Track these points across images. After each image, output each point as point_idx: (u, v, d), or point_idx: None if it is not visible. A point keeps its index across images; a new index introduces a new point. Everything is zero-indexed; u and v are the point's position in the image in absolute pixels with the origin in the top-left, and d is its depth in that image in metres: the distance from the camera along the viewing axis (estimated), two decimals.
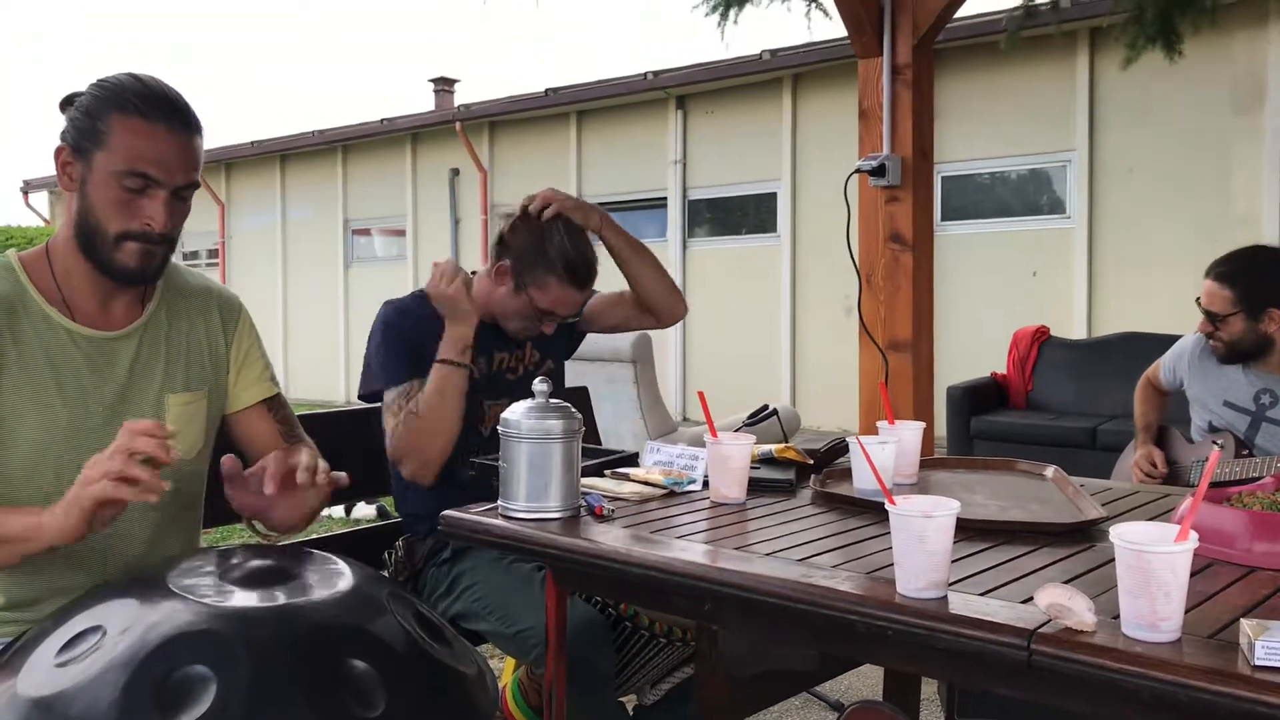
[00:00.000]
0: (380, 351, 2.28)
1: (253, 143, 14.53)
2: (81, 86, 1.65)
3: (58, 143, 1.63)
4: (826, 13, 4.29)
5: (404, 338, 2.26)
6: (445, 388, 2.15)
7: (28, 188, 17.21)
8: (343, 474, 1.62)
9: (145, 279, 1.67)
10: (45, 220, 17.47)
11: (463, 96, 15.30)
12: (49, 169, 1.66)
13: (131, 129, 1.57)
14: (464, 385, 2.16)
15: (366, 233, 14.07)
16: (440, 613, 2.18)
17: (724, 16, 4.38)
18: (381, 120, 13.15)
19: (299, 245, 14.58)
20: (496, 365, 2.37)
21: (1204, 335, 2.96)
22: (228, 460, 1.58)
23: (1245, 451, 2.87)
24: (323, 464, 1.60)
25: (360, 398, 2.35)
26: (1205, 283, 2.91)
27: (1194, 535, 1.14)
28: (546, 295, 2.28)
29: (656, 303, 2.50)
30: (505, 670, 2.57)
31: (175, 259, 1.76)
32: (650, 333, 6.10)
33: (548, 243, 2.26)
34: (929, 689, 2.83)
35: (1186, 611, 1.16)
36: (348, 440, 2.41)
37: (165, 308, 1.76)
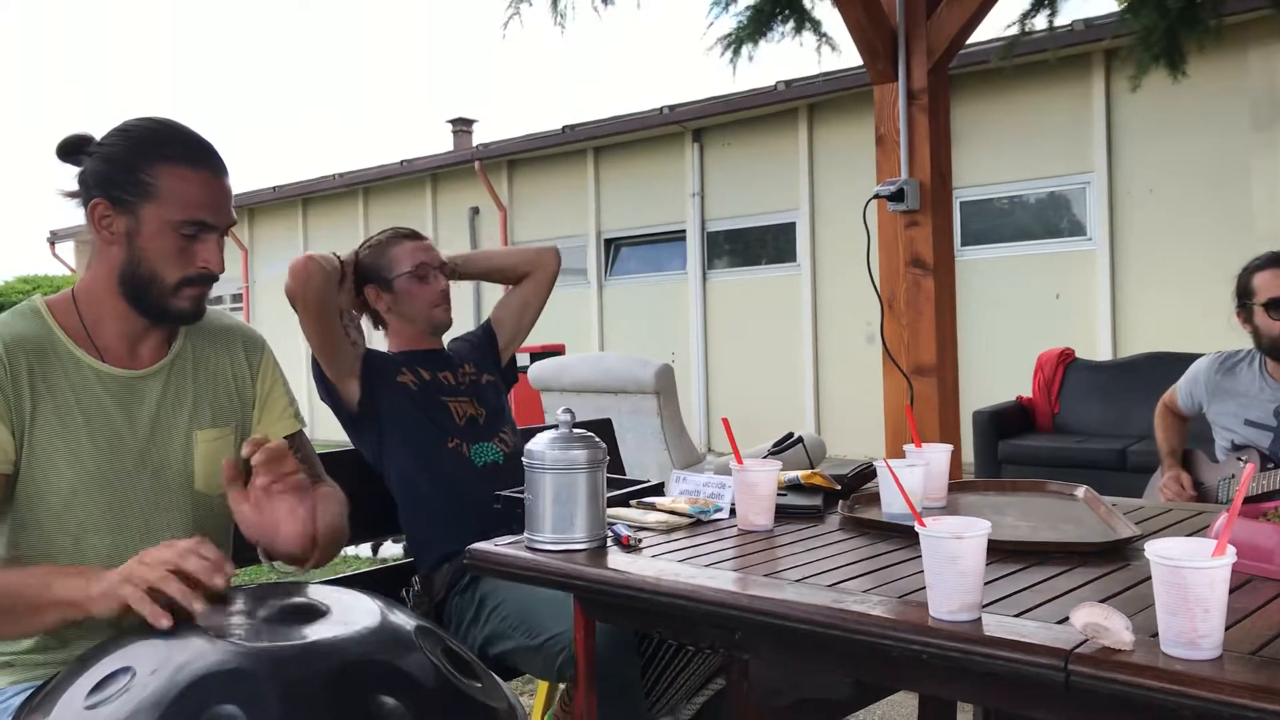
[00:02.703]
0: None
1: (274, 188, 14.67)
2: (87, 130, 1.67)
3: (84, 193, 1.64)
4: (835, 47, 4.32)
5: None
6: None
7: (54, 238, 17.43)
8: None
9: (198, 318, 1.73)
10: (71, 270, 17.67)
11: (481, 136, 15.42)
12: (73, 218, 1.68)
13: (182, 178, 1.61)
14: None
15: None
16: (470, 639, 2.18)
17: (736, 53, 4.41)
18: (401, 162, 13.27)
19: None
20: (442, 379, 2.49)
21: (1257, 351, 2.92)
22: (228, 464, 1.58)
23: (1271, 465, 2.83)
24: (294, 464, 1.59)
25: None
26: (1275, 274, 2.87)
27: (1231, 550, 1.13)
28: (404, 259, 2.47)
29: (523, 269, 2.69)
30: (535, 705, 2.55)
31: None
32: (674, 365, 6.10)
33: (370, 244, 2.52)
34: (965, 715, 2.79)
35: (1226, 628, 1.14)
36: (371, 479, 2.41)
37: (191, 346, 1.78)
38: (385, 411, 2.39)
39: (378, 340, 2.61)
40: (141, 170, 1.60)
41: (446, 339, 2.66)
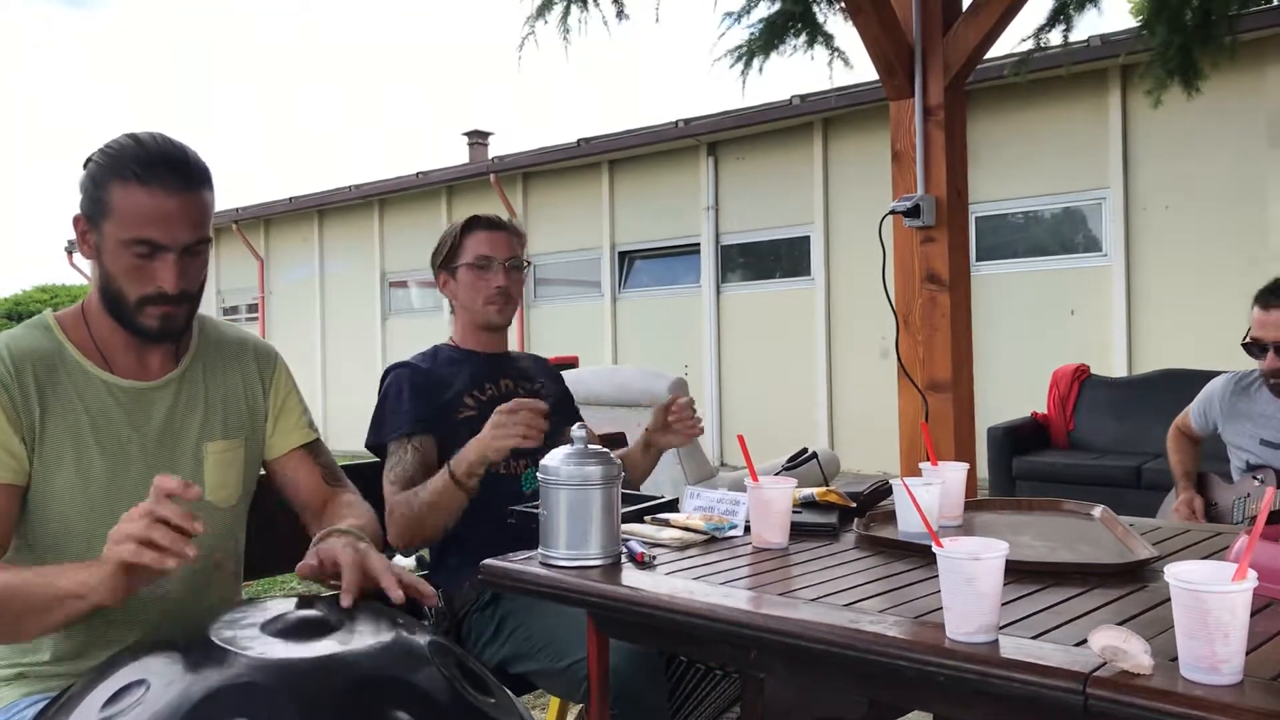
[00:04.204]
0: (384, 404, 2.37)
1: (290, 199, 14.75)
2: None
3: (76, 210, 1.65)
4: (847, 62, 4.31)
5: (408, 390, 2.34)
6: (442, 498, 2.18)
7: (71, 247, 17.54)
8: (430, 590, 1.56)
9: (169, 338, 1.69)
10: (88, 279, 17.75)
11: (496, 149, 15.48)
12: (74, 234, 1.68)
13: (130, 196, 1.57)
14: (461, 502, 2.19)
15: (404, 285, 14.20)
16: (488, 658, 2.17)
17: (747, 66, 4.41)
18: (417, 174, 13.32)
19: (337, 298, 14.74)
20: (502, 386, 2.44)
21: (1265, 375, 2.88)
22: (304, 569, 1.54)
23: None
24: (409, 576, 1.54)
25: (366, 447, 2.39)
26: (1268, 314, 2.80)
27: (1253, 574, 1.11)
28: (470, 248, 2.43)
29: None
30: (548, 718, 2.55)
31: (214, 313, 1.78)
32: (686, 378, 6.10)
33: (445, 235, 2.48)
34: None
35: (1247, 653, 1.13)
36: (380, 491, 2.41)
37: (202, 359, 1.79)
38: (444, 449, 2.31)
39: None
40: (102, 187, 1.59)
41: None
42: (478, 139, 15.65)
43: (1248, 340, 2.88)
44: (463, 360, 2.45)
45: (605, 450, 1.76)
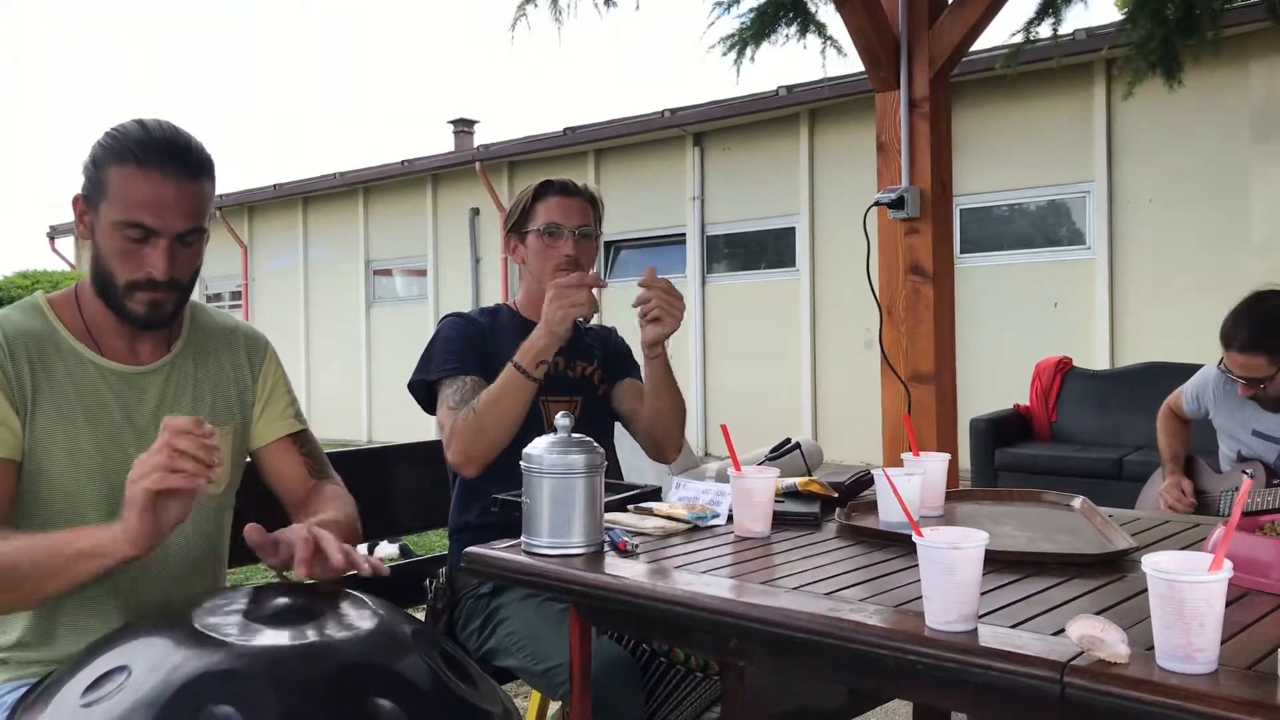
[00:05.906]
0: (436, 345, 2.34)
1: (274, 185, 14.67)
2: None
3: (77, 191, 1.65)
4: (841, 50, 4.29)
5: (463, 336, 2.32)
6: (507, 391, 2.15)
7: (54, 233, 17.44)
8: (384, 566, 1.54)
9: (156, 325, 1.68)
10: (71, 265, 17.67)
11: (482, 137, 15.43)
12: (72, 215, 1.68)
13: (128, 178, 1.57)
14: (527, 395, 2.16)
15: (388, 273, 14.16)
16: (474, 647, 2.17)
17: (740, 55, 4.39)
18: (402, 162, 13.27)
19: (321, 286, 14.69)
20: (553, 365, 2.36)
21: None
22: (251, 531, 1.52)
23: (1276, 481, 2.83)
24: (355, 556, 1.52)
25: (408, 386, 2.36)
26: (1232, 356, 2.82)
27: (1228, 565, 1.13)
28: (540, 214, 2.37)
29: (660, 437, 2.51)
30: (530, 708, 2.55)
31: (200, 300, 1.78)
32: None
33: (516, 199, 2.43)
34: None
35: (1222, 642, 1.14)
36: (368, 480, 2.41)
37: (192, 346, 1.78)
38: None
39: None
40: (102, 168, 1.59)
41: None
42: (463, 127, 15.59)
43: (1221, 366, 2.91)
44: (520, 327, 2.34)
45: (589, 439, 1.76)
